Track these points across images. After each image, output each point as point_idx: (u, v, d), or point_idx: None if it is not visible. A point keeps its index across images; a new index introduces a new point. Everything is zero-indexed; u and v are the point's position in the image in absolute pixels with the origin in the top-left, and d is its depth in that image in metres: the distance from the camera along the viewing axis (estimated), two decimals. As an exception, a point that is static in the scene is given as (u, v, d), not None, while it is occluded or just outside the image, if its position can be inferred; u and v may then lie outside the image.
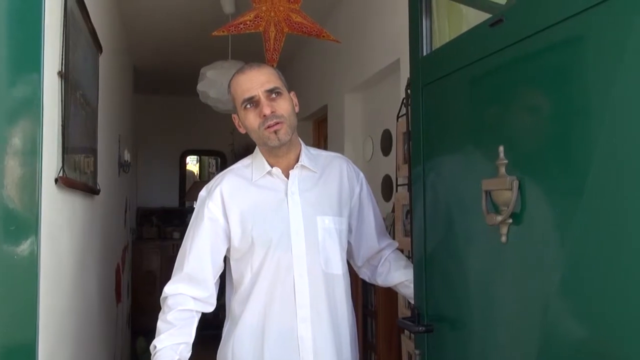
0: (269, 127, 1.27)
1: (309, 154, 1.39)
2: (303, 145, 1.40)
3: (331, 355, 1.32)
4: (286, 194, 1.31)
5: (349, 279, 1.41)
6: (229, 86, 1.36)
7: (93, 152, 1.91)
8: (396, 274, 1.48)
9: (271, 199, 1.32)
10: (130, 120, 4.06)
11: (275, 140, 1.28)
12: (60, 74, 1.36)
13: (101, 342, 2.25)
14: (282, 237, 1.29)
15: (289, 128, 1.30)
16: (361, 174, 1.49)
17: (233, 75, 1.34)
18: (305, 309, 1.29)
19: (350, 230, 1.46)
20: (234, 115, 1.38)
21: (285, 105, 1.31)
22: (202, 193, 1.39)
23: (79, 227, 1.73)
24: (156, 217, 5.64)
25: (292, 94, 1.37)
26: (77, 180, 1.57)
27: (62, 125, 1.35)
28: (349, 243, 1.49)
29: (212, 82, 2.85)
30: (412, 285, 1.40)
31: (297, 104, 1.39)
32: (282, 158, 1.34)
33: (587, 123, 0.84)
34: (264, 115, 1.27)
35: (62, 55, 1.37)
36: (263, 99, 1.28)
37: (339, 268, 1.36)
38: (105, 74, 2.26)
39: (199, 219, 1.37)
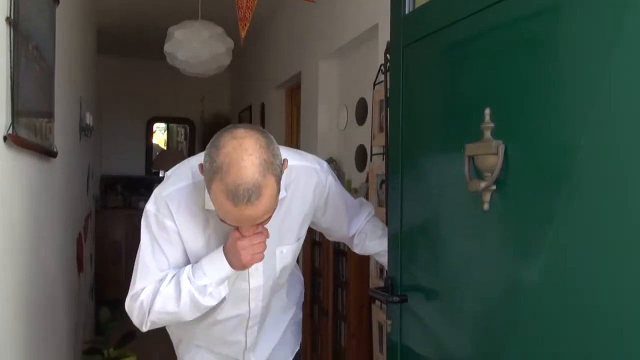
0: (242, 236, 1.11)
1: None
2: None
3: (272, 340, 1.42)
4: None
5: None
6: (208, 184, 1.02)
7: (49, 111, 1.78)
8: (372, 244, 1.47)
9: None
10: (92, 83, 3.86)
11: (243, 267, 1.15)
12: (8, 20, 1.23)
13: (62, 312, 2.16)
14: (240, 275, 1.21)
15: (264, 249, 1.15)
16: (330, 178, 1.34)
17: (218, 181, 0.99)
18: (254, 325, 1.33)
19: (326, 228, 1.46)
20: (201, 166, 1.06)
21: (270, 218, 1.09)
22: (150, 207, 1.19)
23: (35, 193, 1.61)
24: (121, 185, 5.47)
25: (284, 165, 1.08)
26: (30, 140, 1.45)
27: (11, 78, 1.23)
28: (328, 232, 1.50)
29: (180, 43, 2.70)
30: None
31: (285, 167, 1.10)
32: None
33: (579, 86, 0.80)
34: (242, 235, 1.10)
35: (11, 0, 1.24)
36: (247, 226, 1.08)
37: (288, 275, 1.38)
38: (63, 30, 2.10)
39: (156, 230, 1.19)
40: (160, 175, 5.68)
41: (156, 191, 1.21)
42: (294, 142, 3.89)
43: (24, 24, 1.37)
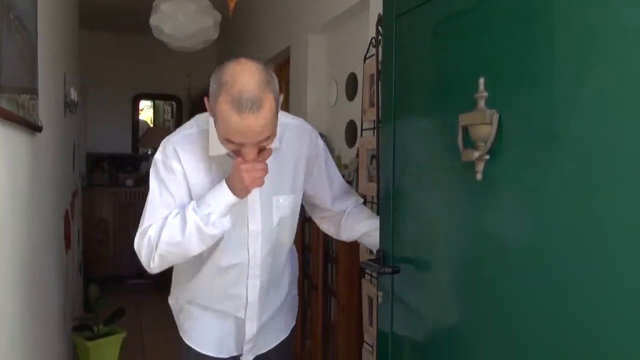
0: (244, 160, 1.19)
1: None
2: None
3: (271, 304, 1.47)
4: None
5: (293, 237, 1.48)
6: (217, 86, 1.14)
7: (33, 84, 1.74)
8: (359, 225, 1.47)
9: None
10: (76, 58, 3.76)
11: (246, 193, 1.24)
12: (-13, -13, 1.19)
13: (51, 289, 2.15)
14: (239, 214, 1.31)
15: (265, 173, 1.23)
16: (320, 141, 1.46)
17: (224, 91, 1.12)
18: (255, 277, 1.38)
19: (310, 195, 1.49)
20: (207, 101, 1.19)
21: (271, 143, 1.21)
22: (158, 156, 1.30)
23: (21, 167, 1.58)
24: (108, 163, 5.40)
25: (280, 97, 1.21)
26: (14, 112, 1.41)
27: (-8, 46, 1.19)
28: (312, 205, 1.53)
29: (166, 15, 2.64)
30: (376, 234, 1.37)
31: (281, 102, 1.23)
32: None
33: (575, 54, 0.79)
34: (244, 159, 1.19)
35: (-10, -35, 1.19)
36: (250, 146, 1.17)
37: (287, 238, 1.43)
38: (45, 3, 2.03)
39: (164, 173, 1.28)
40: (149, 153, 5.62)
41: (164, 141, 1.32)
42: (282, 118, 3.86)
43: (4, -9, 1.32)
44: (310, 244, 2.57)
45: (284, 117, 1.34)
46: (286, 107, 3.69)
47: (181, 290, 1.48)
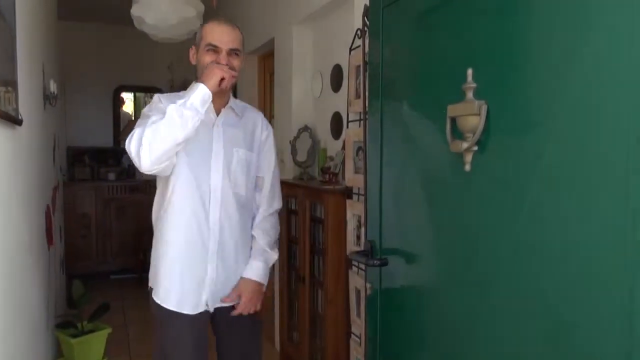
0: (219, 63, 1.54)
1: (235, 102, 1.71)
2: (231, 97, 1.72)
3: (231, 251, 1.66)
4: (213, 125, 1.62)
5: (251, 202, 1.73)
6: (201, 25, 1.65)
7: (12, 76, 1.69)
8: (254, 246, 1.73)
9: (201, 126, 1.52)
10: (55, 50, 3.68)
11: (215, 86, 1.50)
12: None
13: (33, 285, 2.11)
14: (205, 156, 1.59)
15: (232, 80, 1.55)
16: (271, 128, 1.78)
17: (208, 21, 1.63)
18: (215, 213, 1.61)
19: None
20: (193, 48, 1.64)
21: (238, 65, 1.60)
22: (154, 98, 1.60)
23: (0, 162, 1.54)
24: (89, 156, 5.30)
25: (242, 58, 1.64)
26: (-8, 105, 1.37)
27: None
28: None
29: (148, 6, 2.59)
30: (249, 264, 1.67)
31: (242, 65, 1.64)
32: (215, 99, 1.57)
33: (562, 45, 0.80)
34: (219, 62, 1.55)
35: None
36: (224, 53, 1.57)
37: (243, 190, 1.67)
38: (21, -9, 1.97)
39: (149, 109, 1.55)
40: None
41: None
42: (268, 110, 3.84)
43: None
44: (297, 236, 2.57)
45: (242, 102, 1.78)
46: (271, 99, 3.67)
47: (161, 233, 1.63)
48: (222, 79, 1.49)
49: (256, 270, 1.67)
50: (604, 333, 0.73)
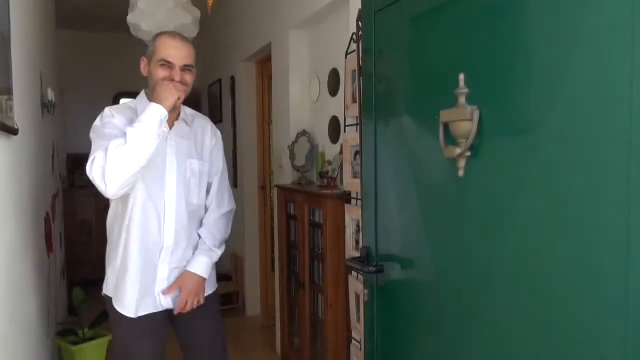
0: (172, 81, 1.58)
1: (184, 112, 1.75)
2: (181, 105, 1.74)
3: (184, 248, 1.71)
4: (167, 139, 1.65)
5: (202, 208, 1.78)
6: (154, 38, 1.64)
7: (7, 85, 1.69)
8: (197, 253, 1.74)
9: None
10: (53, 58, 3.68)
11: (172, 107, 1.55)
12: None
13: (32, 293, 2.11)
14: (160, 170, 1.63)
15: (185, 96, 1.62)
16: (219, 134, 1.85)
17: (161, 34, 1.65)
18: (170, 223, 1.67)
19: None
20: (144, 58, 1.66)
21: (191, 80, 1.66)
22: (106, 112, 1.63)
23: (-4, 171, 1.54)
24: (89, 164, 5.31)
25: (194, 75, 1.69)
26: (-13, 116, 1.37)
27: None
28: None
29: (144, 13, 2.59)
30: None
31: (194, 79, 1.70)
32: (169, 113, 1.58)
33: (554, 50, 0.79)
34: (173, 80, 1.59)
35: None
36: (178, 69, 1.60)
37: (196, 199, 1.73)
38: (18, 0, 1.98)
39: (101, 124, 1.59)
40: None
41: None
42: (266, 115, 3.83)
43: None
44: (297, 241, 2.56)
45: (191, 110, 1.81)
46: (269, 104, 3.66)
47: (120, 232, 1.69)
48: (178, 99, 1.56)
49: (201, 265, 1.70)
50: (601, 340, 0.73)
